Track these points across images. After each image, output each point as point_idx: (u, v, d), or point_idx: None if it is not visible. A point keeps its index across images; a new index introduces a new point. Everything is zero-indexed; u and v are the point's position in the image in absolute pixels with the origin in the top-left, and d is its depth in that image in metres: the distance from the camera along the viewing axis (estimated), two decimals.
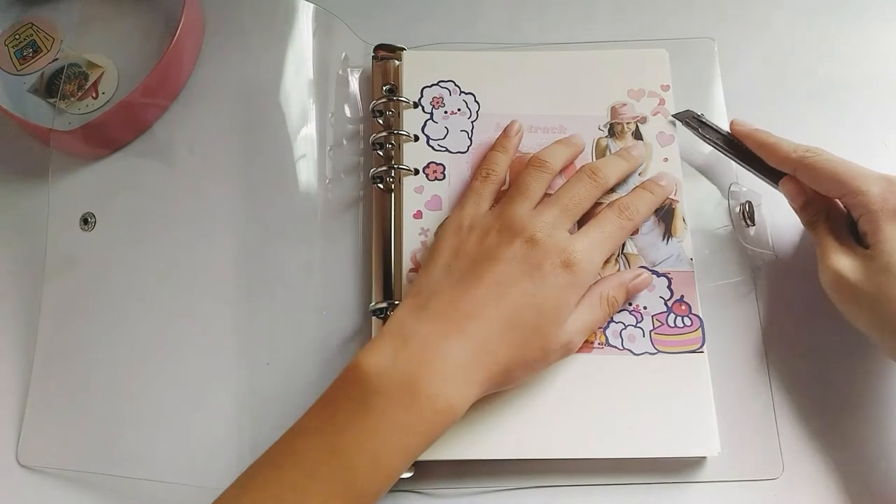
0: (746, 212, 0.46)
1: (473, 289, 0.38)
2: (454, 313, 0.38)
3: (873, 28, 0.53)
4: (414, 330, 0.37)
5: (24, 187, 0.49)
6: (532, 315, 0.38)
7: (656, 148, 0.47)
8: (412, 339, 0.37)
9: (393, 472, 0.36)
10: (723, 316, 0.45)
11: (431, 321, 0.38)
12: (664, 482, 0.42)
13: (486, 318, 0.38)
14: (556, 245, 0.40)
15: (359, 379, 0.36)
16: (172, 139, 0.50)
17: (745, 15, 0.54)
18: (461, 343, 0.37)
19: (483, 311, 0.38)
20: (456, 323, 0.37)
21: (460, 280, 0.39)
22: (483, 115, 0.48)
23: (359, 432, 0.35)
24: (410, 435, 0.35)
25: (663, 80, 0.49)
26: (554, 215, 0.41)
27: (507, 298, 0.38)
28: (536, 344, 0.38)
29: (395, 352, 0.36)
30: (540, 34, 0.53)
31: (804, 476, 0.42)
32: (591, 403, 0.41)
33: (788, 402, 0.43)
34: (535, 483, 0.41)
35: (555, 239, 0.40)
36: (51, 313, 0.46)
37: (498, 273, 0.39)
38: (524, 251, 0.39)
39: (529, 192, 0.42)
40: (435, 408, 0.36)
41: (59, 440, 0.43)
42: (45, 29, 0.53)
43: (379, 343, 0.37)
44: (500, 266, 0.39)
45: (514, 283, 0.38)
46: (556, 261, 0.39)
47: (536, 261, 0.39)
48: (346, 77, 0.51)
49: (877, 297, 0.38)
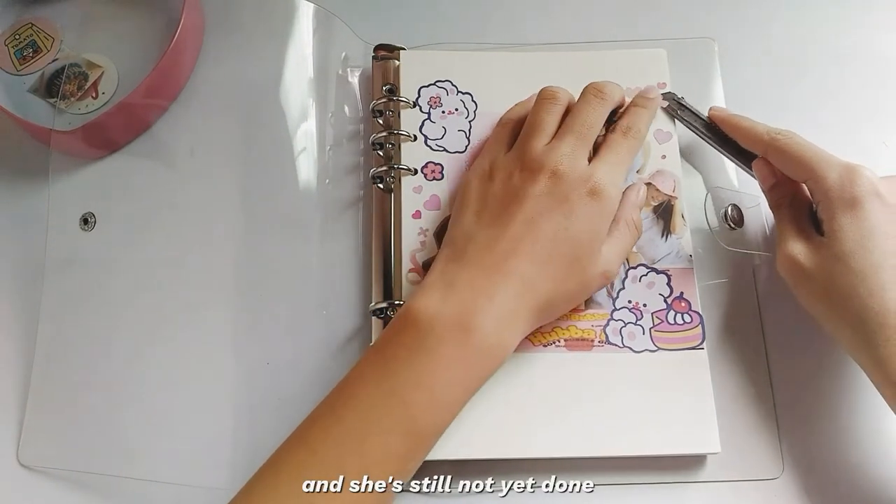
0: (729, 214, 0.46)
1: (507, 229, 0.39)
2: (492, 256, 0.39)
3: (873, 28, 0.53)
4: (457, 275, 0.39)
5: (24, 187, 0.50)
6: (568, 247, 0.39)
7: (654, 145, 0.47)
8: (457, 283, 0.38)
9: (450, 408, 0.37)
10: (723, 315, 0.45)
11: (472, 266, 0.39)
12: (664, 482, 0.42)
13: (524, 254, 0.39)
14: (580, 175, 0.40)
15: (412, 322, 0.37)
16: (172, 139, 0.50)
17: (745, 15, 0.54)
18: (504, 282, 0.38)
19: (520, 249, 0.39)
20: (495, 264, 0.38)
21: (492, 223, 0.40)
22: (480, 115, 0.48)
23: (414, 372, 0.36)
24: (465, 370, 0.37)
25: (661, 79, 0.49)
26: (571, 145, 0.41)
27: (541, 233, 0.39)
28: (576, 275, 0.40)
29: (443, 295, 0.38)
30: (538, 34, 0.53)
31: (804, 476, 0.42)
32: (591, 402, 0.41)
33: (789, 401, 0.43)
34: (534, 483, 0.41)
35: (577, 170, 0.40)
36: (51, 313, 0.46)
37: (528, 210, 0.39)
38: (550, 185, 0.40)
39: (543, 126, 0.43)
40: (487, 343, 0.37)
41: (60, 440, 0.43)
42: (45, 29, 0.53)
43: (426, 290, 0.39)
44: (528, 203, 0.39)
45: (545, 218, 0.39)
46: (582, 191, 0.40)
47: (563, 193, 0.40)
48: (346, 77, 0.51)
49: (827, 286, 0.38)
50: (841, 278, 0.38)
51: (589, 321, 0.43)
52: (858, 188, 0.39)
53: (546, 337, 0.42)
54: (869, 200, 0.38)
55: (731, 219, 0.46)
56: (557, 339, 0.42)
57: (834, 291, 0.38)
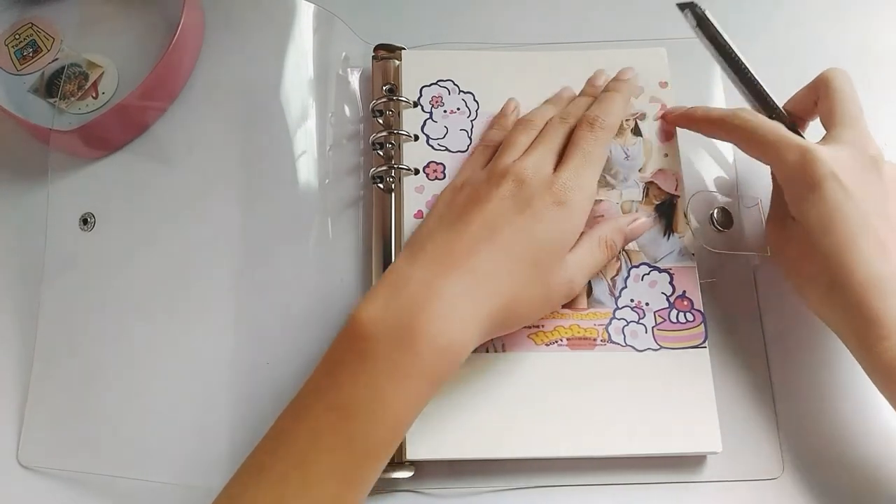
0: (716, 217, 0.46)
1: (466, 229, 0.38)
2: (449, 255, 0.37)
3: (873, 28, 0.53)
4: (409, 275, 0.37)
5: (24, 187, 0.49)
6: (528, 250, 0.38)
7: (656, 144, 0.47)
8: (408, 284, 0.36)
9: (399, 421, 0.35)
10: (723, 314, 0.45)
11: (426, 265, 0.37)
12: (664, 482, 0.42)
13: (482, 254, 0.37)
14: (543, 181, 0.40)
15: (355, 331, 0.35)
16: (172, 139, 0.50)
17: (745, 15, 0.54)
18: (458, 280, 0.36)
19: (478, 248, 0.37)
20: (451, 263, 0.37)
21: (452, 226, 0.39)
22: (482, 115, 0.48)
23: (358, 383, 0.34)
24: (413, 379, 0.34)
25: (662, 77, 0.49)
26: (538, 155, 0.41)
27: (501, 234, 0.38)
28: (537, 280, 0.38)
29: (388, 299, 0.36)
30: (539, 34, 0.53)
31: (804, 476, 0.42)
32: (593, 401, 0.41)
33: (789, 401, 0.43)
34: (535, 482, 0.41)
35: (541, 176, 0.40)
36: (51, 313, 0.45)
37: (489, 212, 0.39)
38: (513, 190, 0.39)
39: (517, 144, 0.43)
40: (436, 347, 0.35)
41: (60, 440, 0.43)
42: (45, 29, 0.53)
43: (373, 293, 0.37)
44: (490, 205, 0.39)
45: (506, 220, 0.38)
46: (545, 197, 0.39)
47: (526, 198, 0.39)
48: (346, 77, 0.51)
49: (800, 268, 0.40)
50: (811, 260, 0.39)
51: (591, 320, 0.43)
52: (816, 170, 0.39)
53: (548, 336, 0.42)
54: (826, 183, 0.38)
55: (717, 221, 0.46)
56: (560, 339, 0.42)
57: (806, 272, 0.39)
